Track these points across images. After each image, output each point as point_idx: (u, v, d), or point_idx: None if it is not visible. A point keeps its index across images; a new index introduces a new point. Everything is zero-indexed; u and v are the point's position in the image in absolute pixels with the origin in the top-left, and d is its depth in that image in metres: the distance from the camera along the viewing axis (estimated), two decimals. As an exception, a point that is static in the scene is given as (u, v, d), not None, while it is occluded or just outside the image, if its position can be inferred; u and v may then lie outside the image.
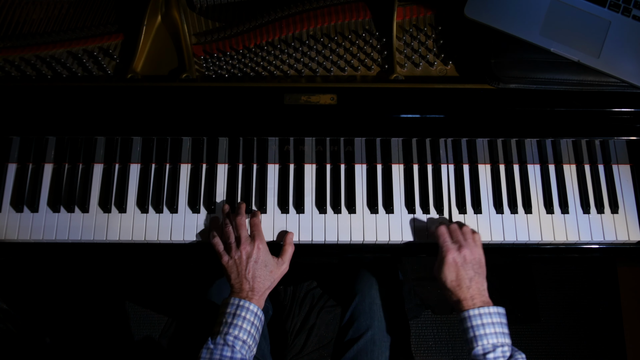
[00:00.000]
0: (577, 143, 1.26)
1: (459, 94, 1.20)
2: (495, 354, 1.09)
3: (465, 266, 1.17)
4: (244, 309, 1.13)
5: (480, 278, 1.18)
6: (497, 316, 1.14)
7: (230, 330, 1.10)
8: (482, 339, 1.11)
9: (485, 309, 1.13)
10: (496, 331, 1.12)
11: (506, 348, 1.11)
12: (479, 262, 1.20)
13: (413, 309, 2.01)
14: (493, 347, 1.10)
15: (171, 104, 1.19)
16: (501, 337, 1.12)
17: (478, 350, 1.11)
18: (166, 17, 1.28)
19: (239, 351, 1.10)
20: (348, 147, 1.26)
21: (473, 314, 1.13)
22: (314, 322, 1.92)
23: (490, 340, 1.11)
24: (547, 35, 1.18)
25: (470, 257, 1.19)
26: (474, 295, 1.15)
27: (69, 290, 2.04)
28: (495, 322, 1.12)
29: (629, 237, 1.29)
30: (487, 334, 1.11)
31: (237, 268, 1.18)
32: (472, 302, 1.14)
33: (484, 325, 1.12)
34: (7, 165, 1.31)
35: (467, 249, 1.19)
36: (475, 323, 1.12)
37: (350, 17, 1.28)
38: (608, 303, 2.07)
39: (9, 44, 1.25)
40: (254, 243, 1.19)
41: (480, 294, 1.16)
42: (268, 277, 1.19)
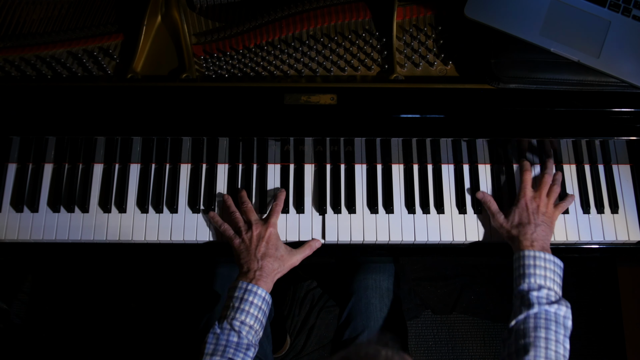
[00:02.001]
0: (577, 143, 1.26)
1: (459, 94, 1.20)
2: (540, 293, 1.07)
3: (535, 214, 1.19)
4: (252, 293, 1.12)
5: (547, 229, 1.18)
6: (552, 264, 1.12)
7: (237, 315, 1.10)
8: (529, 277, 1.09)
9: (541, 253, 1.12)
10: (546, 275, 1.10)
11: (552, 293, 1.08)
12: (551, 218, 1.21)
13: (413, 309, 2.01)
14: (539, 286, 1.08)
15: (171, 104, 1.19)
16: (550, 282, 1.10)
17: (523, 286, 1.09)
18: (166, 17, 1.28)
19: (246, 336, 1.10)
20: (348, 147, 1.26)
21: (528, 254, 1.12)
22: (314, 322, 1.93)
23: (537, 280, 1.09)
24: (547, 35, 1.18)
25: (544, 209, 1.20)
26: (535, 239, 1.15)
27: (69, 290, 2.04)
28: (548, 268, 1.11)
29: (629, 237, 1.29)
30: (536, 274, 1.09)
31: (248, 248, 1.18)
32: (530, 244, 1.14)
33: (535, 266, 1.10)
34: (7, 165, 1.31)
35: (543, 201, 1.21)
36: (527, 262, 1.11)
37: (350, 17, 1.28)
38: (608, 303, 2.07)
39: (9, 44, 1.25)
40: (267, 224, 1.20)
41: (542, 241, 1.15)
42: (277, 260, 1.18)
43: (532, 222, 1.18)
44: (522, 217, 1.19)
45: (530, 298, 1.08)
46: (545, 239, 1.17)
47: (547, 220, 1.20)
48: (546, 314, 1.06)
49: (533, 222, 1.18)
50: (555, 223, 1.23)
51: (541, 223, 1.18)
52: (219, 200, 1.29)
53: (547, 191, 1.24)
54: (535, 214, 1.19)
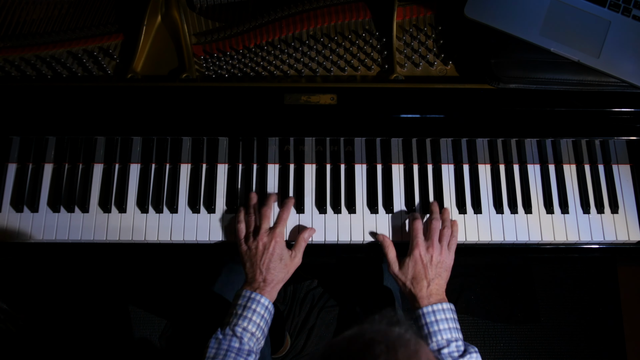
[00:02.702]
0: (577, 143, 1.26)
1: (459, 94, 1.20)
2: (450, 349, 1.10)
3: (429, 267, 1.18)
4: (255, 302, 1.13)
5: (442, 280, 1.19)
6: (450, 312, 1.15)
7: (240, 322, 1.11)
8: (436, 335, 1.12)
9: (438, 305, 1.14)
10: (450, 327, 1.13)
11: (460, 342, 1.12)
12: (446, 266, 1.20)
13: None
14: (447, 342, 1.11)
15: (171, 104, 1.19)
16: (454, 332, 1.13)
17: (432, 346, 1.12)
18: (166, 17, 1.28)
19: (247, 343, 1.10)
20: (348, 147, 1.26)
21: (427, 311, 1.14)
22: (314, 322, 1.92)
23: (444, 336, 1.12)
24: (547, 35, 1.18)
25: (437, 259, 1.19)
26: (430, 294, 1.16)
27: (69, 290, 2.04)
28: (448, 318, 1.14)
29: (629, 237, 1.29)
30: (441, 330, 1.12)
31: (252, 258, 1.19)
32: (427, 300, 1.15)
33: (437, 321, 1.13)
34: (7, 165, 1.31)
35: (436, 250, 1.20)
36: (429, 320, 1.13)
37: (350, 17, 1.28)
38: (608, 303, 2.07)
39: (9, 44, 1.25)
40: (272, 235, 1.20)
41: (437, 294, 1.17)
42: (282, 270, 1.19)
43: (426, 277, 1.17)
44: (415, 271, 1.18)
45: (443, 357, 1.10)
46: (440, 289, 1.18)
47: (441, 271, 1.19)
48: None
49: (427, 278, 1.17)
50: (451, 265, 1.22)
51: (435, 277, 1.18)
52: (218, 202, 1.29)
53: (437, 237, 1.22)
54: (429, 266, 1.18)
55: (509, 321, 2.05)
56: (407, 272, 1.19)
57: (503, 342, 2.04)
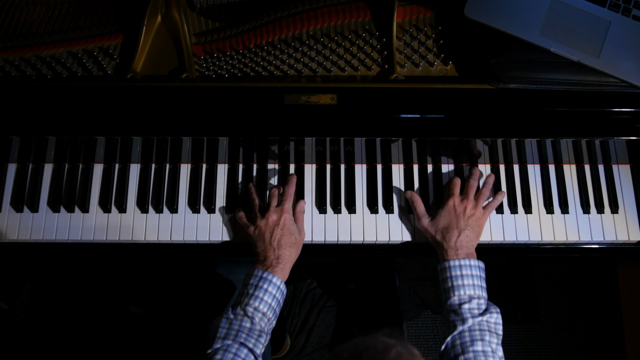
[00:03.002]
0: (577, 143, 1.26)
1: (459, 94, 1.20)
2: (471, 305, 1.09)
3: (461, 217, 1.18)
4: (267, 281, 1.12)
5: (472, 234, 1.18)
6: (477, 269, 1.14)
7: (251, 302, 1.10)
8: (459, 289, 1.11)
9: (466, 260, 1.13)
10: (474, 283, 1.12)
11: (482, 301, 1.11)
12: (478, 221, 1.19)
13: (413, 309, 2.01)
14: (469, 298, 1.10)
15: (171, 104, 1.19)
16: (478, 290, 1.12)
17: (454, 300, 1.11)
18: (166, 17, 1.28)
19: (258, 323, 1.09)
20: (348, 147, 1.26)
21: (453, 265, 1.13)
22: (314, 322, 1.93)
23: (467, 292, 1.11)
24: (547, 35, 1.18)
25: (471, 212, 1.19)
26: (459, 247, 1.15)
27: (69, 290, 2.04)
28: (474, 275, 1.12)
29: (629, 237, 1.29)
30: (465, 285, 1.11)
31: (263, 236, 1.18)
32: (455, 252, 1.14)
33: (462, 276, 1.12)
34: (7, 165, 1.31)
35: (471, 203, 1.20)
36: (454, 273, 1.12)
37: (350, 17, 1.28)
38: (608, 303, 2.07)
39: (9, 44, 1.25)
40: (281, 211, 1.20)
41: (467, 247, 1.16)
42: (293, 245, 1.19)
43: (457, 227, 1.17)
44: (448, 220, 1.18)
45: (462, 312, 1.09)
46: (470, 244, 1.17)
47: (473, 224, 1.18)
48: (479, 325, 1.08)
49: (458, 228, 1.17)
50: (484, 225, 1.22)
51: (466, 228, 1.17)
52: (218, 202, 1.29)
53: (474, 193, 1.23)
54: (461, 217, 1.18)
55: (509, 321, 2.05)
56: (438, 222, 1.18)
57: (503, 342, 2.03)
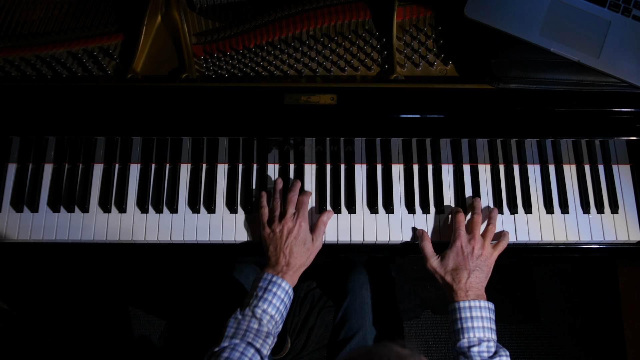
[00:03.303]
0: (577, 143, 1.26)
1: (459, 94, 1.20)
2: (480, 348, 1.09)
3: (469, 258, 1.17)
4: (276, 285, 1.14)
5: (482, 274, 1.17)
6: (487, 311, 1.13)
7: (260, 304, 1.11)
8: (469, 332, 1.11)
9: (476, 302, 1.13)
10: (484, 325, 1.11)
11: (492, 344, 1.11)
12: (486, 260, 1.18)
13: (413, 308, 2.01)
14: (479, 341, 1.10)
15: (171, 104, 1.19)
16: (488, 332, 1.12)
17: (464, 342, 1.11)
18: (166, 17, 1.28)
19: (266, 325, 1.11)
20: (348, 147, 1.26)
21: (463, 306, 1.12)
22: (314, 323, 1.92)
23: (477, 334, 1.10)
24: (547, 35, 1.18)
25: (479, 252, 1.18)
26: (469, 288, 1.14)
27: (69, 290, 2.04)
28: (484, 317, 1.12)
29: (629, 237, 1.29)
30: (475, 327, 1.11)
31: (277, 242, 1.19)
32: (465, 294, 1.14)
33: (472, 318, 1.11)
34: (7, 165, 1.31)
35: (478, 243, 1.19)
36: (464, 315, 1.12)
37: (350, 17, 1.28)
38: (608, 303, 2.07)
39: (9, 44, 1.25)
40: (296, 220, 1.20)
41: (476, 289, 1.15)
42: (304, 254, 1.19)
43: (466, 268, 1.16)
44: (456, 261, 1.17)
45: (472, 356, 1.09)
46: (480, 285, 1.16)
47: (482, 265, 1.17)
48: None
49: (467, 269, 1.16)
50: (492, 265, 1.20)
51: (475, 268, 1.16)
52: (218, 202, 1.29)
53: (479, 231, 1.22)
54: (470, 258, 1.17)
55: (509, 321, 2.05)
56: (448, 264, 1.18)
57: (503, 342, 2.02)
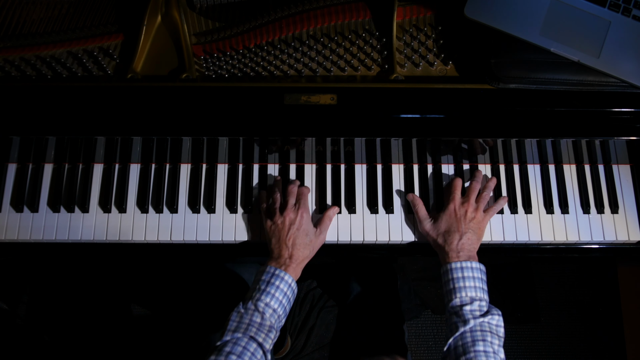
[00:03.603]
0: (577, 143, 1.26)
1: (459, 94, 1.20)
2: (472, 307, 1.10)
3: (462, 220, 1.18)
4: (279, 278, 1.13)
5: (474, 237, 1.18)
6: (479, 272, 1.14)
7: (263, 297, 1.11)
8: (460, 291, 1.12)
9: (468, 263, 1.14)
10: (476, 285, 1.13)
11: (484, 303, 1.12)
12: (479, 224, 1.20)
13: (413, 309, 2.01)
14: (471, 300, 1.11)
15: (171, 104, 1.19)
16: (480, 292, 1.13)
17: (456, 301, 1.12)
18: (166, 17, 1.28)
19: (269, 319, 1.10)
20: (348, 147, 1.26)
21: (455, 267, 1.14)
22: (314, 323, 1.92)
23: (469, 293, 1.12)
24: (547, 35, 1.18)
25: (472, 215, 1.20)
26: (461, 249, 1.16)
27: (70, 290, 2.04)
28: (475, 277, 1.13)
29: (629, 237, 1.29)
30: (467, 287, 1.12)
31: (279, 233, 1.19)
32: (457, 255, 1.15)
33: (464, 278, 1.13)
34: (7, 165, 1.31)
35: (472, 206, 1.20)
36: (456, 275, 1.13)
37: (350, 17, 1.28)
38: (608, 303, 2.07)
39: (9, 44, 1.25)
40: (298, 211, 1.20)
41: (468, 250, 1.16)
42: (307, 246, 1.19)
43: (458, 230, 1.18)
44: (449, 224, 1.19)
45: (464, 314, 1.10)
46: (471, 247, 1.18)
47: (474, 227, 1.19)
48: (481, 326, 1.08)
49: (459, 231, 1.17)
50: (484, 228, 1.23)
51: (467, 231, 1.18)
52: (219, 202, 1.29)
53: (475, 197, 1.24)
54: (462, 220, 1.19)
55: (509, 321, 2.05)
56: (440, 226, 1.19)
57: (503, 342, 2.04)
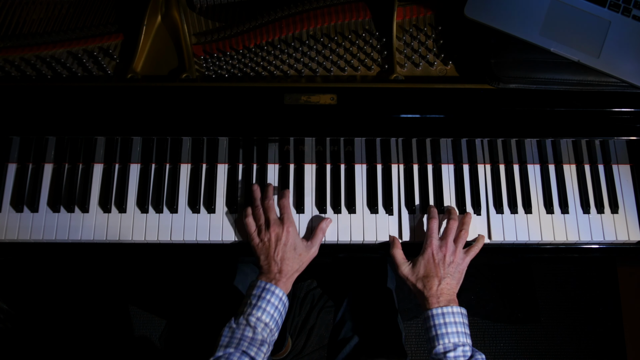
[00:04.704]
0: (577, 143, 1.26)
1: (459, 94, 1.20)
2: (456, 353, 1.09)
3: (441, 265, 1.17)
4: (270, 292, 1.13)
5: (453, 281, 1.17)
6: (460, 316, 1.14)
7: (254, 312, 1.11)
8: (443, 338, 1.11)
9: (448, 308, 1.13)
10: (458, 330, 1.12)
11: (467, 348, 1.11)
12: (458, 267, 1.18)
13: (413, 309, 2.01)
14: (454, 346, 1.10)
15: (171, 104, 1.19)
16: (462, 337, 1.12)
17: (439, 348, 1.11)
18: (166, 17, 1.28)
19: (260, 333, 1.10)
20: (348, 147, 1.26)
21: (436, 313, 1.13)
22: (314, 323, 1.93)
23: (451, 340, 1.11)
24: (547, 35, 1.18)
25: (450, 259, 1.18)
26: (440, 294, 1.15)
27: (69, 290, 2.04)
28: (457, 322, 1.12)
29: (629, 237, 1.29)
30: (449, 333, 1.11)
31: (267, 250, 1.18)
32: (437, 300, 1.14)
33: (446, 324, 1.12)
34: (7, 165, 1.31)
35: (450, 249, 1.19)
36: (437, 322, 1.12)
37: (350, 17, 1.28)
38: (608, 303, 2.07)
39: (9, 44, 1.25)
40: (283, 226, 1.20)
41: (448, 294, 1.15)
42: (297, 260, 1.19)
43: (437, 275, 1.16)
44: (427, 269, 1.17)
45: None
46: (451, 291, 1.16)
47: (453, 271, 1.17)
48: None
49: (438, 276, 1.16)
50: (464, 271, 1.20)
51: (446, 275, 1.16)
52: (219, 202, 1.29)
53: (452, 238, 1.21)
54: (441, 265, 1.17)
55: (509, 321, 2.05)
56: (419, 271, 1.18)
57: (503, 342, 2.04)
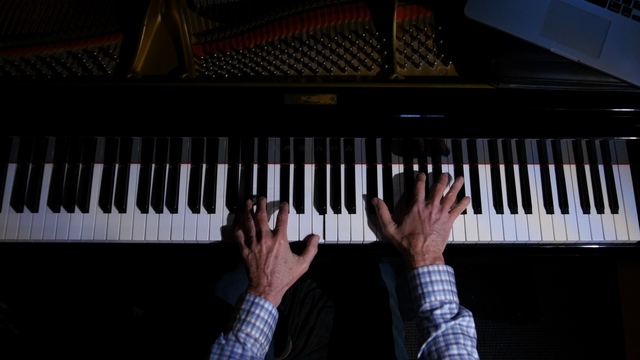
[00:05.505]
0: (577, 143, 1.26)
1: (459, 94, 1.20)
2: (443, 310, 1.09)
3: (426, 222, 1.17)
4: (259, 307, 1.11)
5: (439, 238, 1.17)
6: (446, 274, 1.13)
7: (243, 327, 1.09)
8: (429, 296, 1.11)
9: (434, 266, 1.13)
10: (444, 288, 1.11)
11: (454, 305, 1.11)
12: (443, 225, 1.19)
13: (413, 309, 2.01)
14: (441, 303, 1.10)
15: (171, 104, 1.19)
16: (449, 295, 1.11)
17: (426, 306, 1.11)
18: (166, 17, 1.28)
19: (250, 349, 1.08)
20: (348, 147, 1.26)
21: (422, 272, 1.12)
22: (314, 323, 1.92)
23: (438, 297, 1.10)
24: (547, 35, 1.18)
25: (436, 217, 1.19)
26: (426, 251, 1.15)
27: (69, 290, 2.04)
28: (444, 280, 1.12)
29: (629, 237, 1.29)
30: (436, 291, 1.11)
31: (257, 262, 1.17)
32: (422, 258, 1.14)
33: (432, 282, 1.11)
34: (7, 165, 1.31)
35: (436, 208, 1.19)
36: (423, 280, 1.12)
37: (350, 17, 1.28)
38: (608, 303, 2.07)
39: (9, 44, 1.25)
40: (275, 238, 1.18)
41: (433, 252, 1.15)
42: (287, 274, 1.18)
43: (423, 232, 1.16)
44: (413, 226, 1.18)
45: (435, 318, 1.09)
46: (437, 248, 1.16)
47: (439, 228, 1.18)
48: (453, 329, 1.07)
49: (423, 233, 1.16)
50: (450, 229, 1.22)
51: (432, 232, 1.17)
52: (218, 202, 1.29)
53: (440, 199, 1.22)
54: (427, 222, 1.17)
55: (509, 321, 2.05)
56: (404, 229, 1.18)
57: (503, 342, 2.04)
